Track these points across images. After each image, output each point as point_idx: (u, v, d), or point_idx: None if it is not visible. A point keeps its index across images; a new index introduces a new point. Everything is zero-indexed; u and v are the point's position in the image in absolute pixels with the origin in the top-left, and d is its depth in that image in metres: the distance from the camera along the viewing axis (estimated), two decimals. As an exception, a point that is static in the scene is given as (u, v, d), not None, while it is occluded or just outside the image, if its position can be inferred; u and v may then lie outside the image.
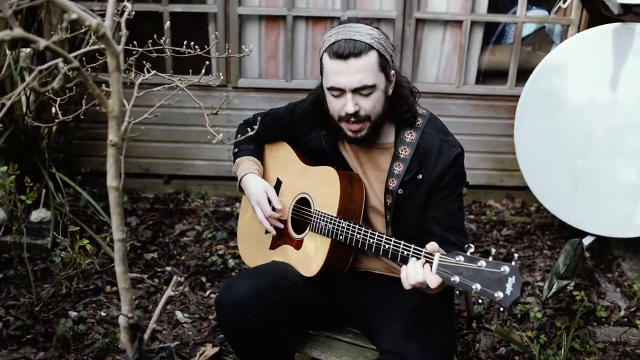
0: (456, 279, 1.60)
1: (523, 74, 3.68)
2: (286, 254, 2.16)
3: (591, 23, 3.59)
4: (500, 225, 3.91)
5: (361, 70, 1.83)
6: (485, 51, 3.95)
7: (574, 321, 2.85)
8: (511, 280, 1.53)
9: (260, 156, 2.32)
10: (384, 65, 1.88)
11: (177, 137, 4.03)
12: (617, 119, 3.21)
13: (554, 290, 2.72)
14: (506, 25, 4.05)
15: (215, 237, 3.66)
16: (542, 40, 3.94)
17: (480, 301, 2.03)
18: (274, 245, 2.23)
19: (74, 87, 2.83)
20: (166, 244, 3.63)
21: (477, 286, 1.56)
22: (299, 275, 2.06)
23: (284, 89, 3.84)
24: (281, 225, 2.17)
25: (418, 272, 1.67)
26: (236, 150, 2.33)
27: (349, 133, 1.96)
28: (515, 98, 3.60)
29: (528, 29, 3.94)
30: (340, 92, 1.88)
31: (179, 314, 3.01)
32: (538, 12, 3.80)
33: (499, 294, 1.53)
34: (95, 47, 1.40)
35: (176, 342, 2.82)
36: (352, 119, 1.91)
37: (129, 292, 1.61)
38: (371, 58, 1.84)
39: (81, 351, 2.69)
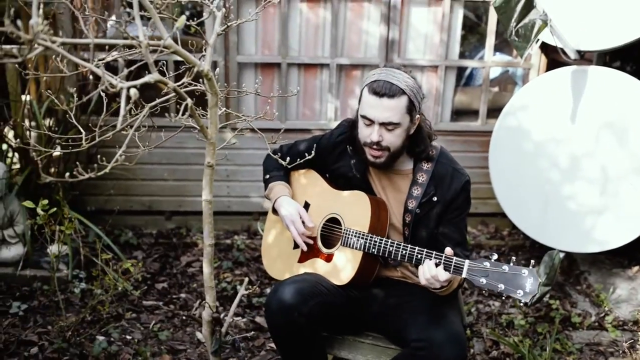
0: (483, 280, 1.98)
1: (491, 112, 4.16)
2: (316, 266, 2.47)
3: (549, 66, 4.11)
4: (478, 248, 4.32)
5: (391, 109, 2.20)
6: (457, 92, 4.42)
7: (555, 325, 3.24)
8: (530, 280, 1.93)
9: (288, 182, 2.66)
10: (411, 109, 2.24)
11: (178, 176, 4.31)
12: (577, 149, 3.68)
13: (537, 296, 3.11)
14: (474, 69, 4.53)
15: (221, 267, 3.93)
16: (507, 82, 4.44)
17: (470, 312, 2.38)
18: (302, 259, 2.54)
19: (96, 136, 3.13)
20: (174, 274, 3.87)
21: (501, 286, 1.95)
22: (331, 283, 2.38)
23: (278, 129, 4.18)
24: (311, 242, 2.50)
25: (432, 268, 2.08)
26: (267, 177, 2.66)
27: (370, 157, 2.33)
28: (487, 133, 4.06)
29: (495, 72, 4.43)
30: (370, 122, 2.24)
31: (199, 335, 3.25)
32: (503, 57, 4.30)
33: (520, 292, 1.93)
34: (196, 87, 1.71)
35: None
36: (375, 146, 2.28)
37: (213, 290, 1.92)
38: (401, 101, 2.21)
39: (115, 370, 2.91)
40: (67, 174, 1.35)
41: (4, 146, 3.80)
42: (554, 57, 3.94)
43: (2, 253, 3.58)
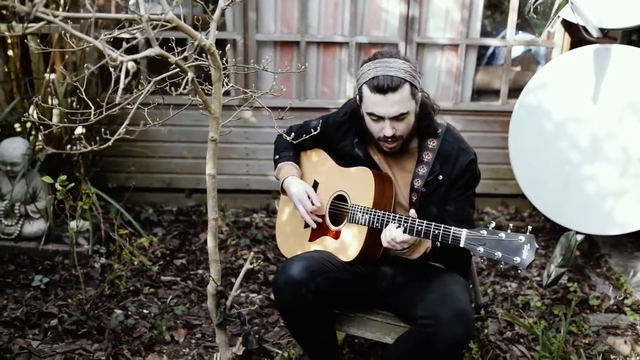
0: (481, 249, 1.96)
1: (513, 92, 4.10)
2: (325, 244, 2.49)
3: (572, 45, 4.02)
4: (497, 229, 4.27)
5: (398, 102, 2.18)
6: (479, 71, 4.36)
7: (571, 308, 3.21)
8: (527, 247, 1.91)
9: (298, 162, 2.66)
10: (414, 92, 2.23)
11: (197, 154, 4.35)
12: (598, 128, 3.61)
13: (552, 277, 3.09)
14: (496, 48, 4.47)
15: (239, 244, 3.97)
16: (529, 61, 4.36)
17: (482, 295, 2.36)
18: (313, 238, 2.56)
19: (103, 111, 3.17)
20: (193, 251, 3.93)
21: (498, 254, 1.93)
22: (339, 260, 2.38)
23: (297, 107, 4.19)
24: (320, 220, 2.51)
25: (392, 231, 2.14)
26: (277, 157, 2.67)
27: (385, 149, 2.33)
28: (507, 113, 4.00)
29: (517, 51, 4.36)
30: (378, 118, 2.23)
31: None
32: (525, 36, 4.22)
33: (517, 259, 1.91)
34: (201, 62, 1.72)
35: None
36: (390, 139, 2.27)
37: (217, 264, 1.94)
38: (405, 90, 2.18)
39: (131, 342, 2.96)
40: (69, 146, 1.37)
41: (27, 124, 3.87)
42: (579, 36, 3.85)
43: (26, 228, 3.67)
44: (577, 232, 3.75)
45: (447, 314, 2.07)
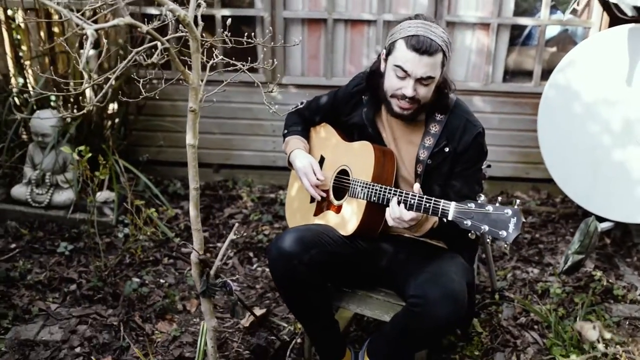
0: (468, 222, 1.92)
1: (548, 74, 3.95)
2: (328, 218, 2.48)
3: (611, 25, 3.84)
4: (526, 214, 4.17)
5: (429, 65, 2.15)
6: (513, 52, 4.23)
7: (589, 296, 3.10)
8: (513, 220, 1.85)
9: (306, 137, 2.66)
10: (444, 63, 2.21)
11: (226, 130, 4.40)
12: (631, 112, 3.45)
13: (569, 264, 2.99)
14: (532, 28, 4.32)
15: (261, 220, 4.01)
16: (565, 42, 4.20)
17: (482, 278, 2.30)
18: (317, 212, 2.55)
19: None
20: (216, 225, 3.98)
21: (485, 227, 1.88)
22: (339, 235, 2.37)
23: (325, 85, 4.17)
24: (324, 194, 2.50)
25: (395, 209, 2.09)
26: (286, 131, 2.68)
27: (397, 109, 2.27)
28: (540, 95, 3.86)
29: (554, 31, 4.20)
30: (405, 74, 2.19)
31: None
32: (561, 16, 4.06)
33: (503, 233, 1.85)
34: (180, 34, 1.73)
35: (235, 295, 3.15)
36: (407, 100, 2.23)
37: (199, 233, 1.96)
38: (438, 57, 2.16)
39: (144, 310, 3.04)
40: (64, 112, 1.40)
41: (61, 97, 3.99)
42: (617, 15, 3.68)
43: (55, 197, 3.80)
44: (607, 220, 3.64)
45: (436, 294, 2.04)
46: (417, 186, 2.12)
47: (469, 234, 1.95)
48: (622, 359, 2.71)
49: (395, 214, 2.10)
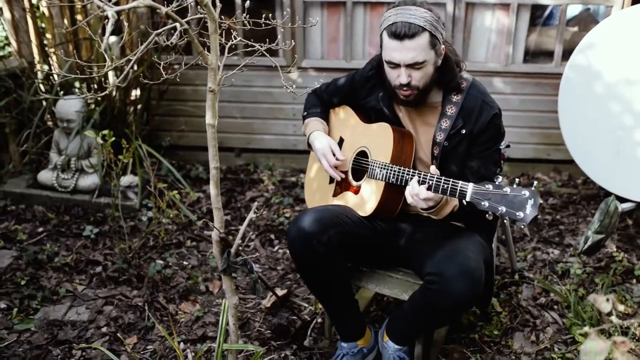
0: (485, 203, 1.93)
1: (570, 54, 3.91)
2: (346, 199, 2.51)
3: (634, 3, 3.79)
4: (547, 195, 4.16)
5: (414, 49, 2.15)
6: (534, 32, 4.20)
7: (609, 276, 3.09)
8: (530, 202, 1.86)
9: (326, 118, 2.68)
10: (434, 43, 2.19)
11: (247, 114, 4.44)
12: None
13: (589, 243, 2.98)
14: (554, 7, 4.27)
15: (282, 203, 4.05)
16: (587, 21, 4.15)
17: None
18: (336, 193, 2.58)
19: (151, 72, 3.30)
20: (238, 208, 4.04)
21: (502, 208, 1.89)
22: (357, 215, 2.40)
23: (344, 68, 4.17)
24: (343, 175, 2.53)
25: (414, 187, 2.10)
26: (305, 113, 2.71)
27: (401, 97, 2.30)
28: (561, 76, 3.83)
29: (575, 10, 4.15)
30: (395, 65, 2.21)
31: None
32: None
33: (520, 214, 1.86)
34: (199, 15, 1.76)
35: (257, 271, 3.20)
36: (405, 88, 2.25)
37: (220, 212, 2.00)
38: (423, 38, 2.16)
39: (168, 291, 3.11)
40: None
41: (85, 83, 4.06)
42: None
43: (80, 182, 3.88)
44: (629, 200, 3.61)
45: (453, 271, 2.06)
46: (433, 168, 2.13)
47: (487, 215, 1.96)
48: (636, 331, 2.70)
49: (414, 190, 2.11)
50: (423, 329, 2.37)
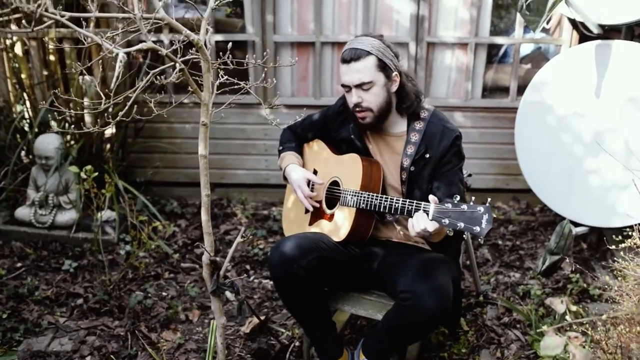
0: (446, 220, 2.13)
1: (523, 89, 4.20)
2: (322, 226, 2.68)
3: (581, 42, 4.10)
4: (507, 223, 4.40)
5: (360, 71, 2.39)
6: (490, 69, 4.49)
7: (567, 295, 3.31)
8: (485, 217, 2.07)
9: (300, 152, 2.87)
10: (383, 66, 2.42)
11: (220, 150, 4.60)
12: (600, 123, 3.70)
13: (547, 264, 3.20)
14: (509, 46, 4.58)
15: (256, 235, 4.19)
16: (539, 59, 4.47)
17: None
18: (312, 222, 2.75)
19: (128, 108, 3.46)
20: (213, 241, 4.15)
21: (461, 224, 2.10)
22: (332, 241, 2.57)
23: (314, 105, 4.38)
24: (317, 205, 2.70)
25: (420, 221, 2.20)
26: (281, 147, 2.89)
27: (358, 120, 2.53)
28: (516, 110, 4.11)
29: (527, 49, 4.46)
30: (348, 88, 2.45)
31: (228, 294, 3.50)
32: (534, 35, 4.32)
33: (477, 228, 2.07)
34: (193, 56, 1.93)
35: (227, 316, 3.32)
36: (357, 109, 2.47)
37: (210, 236, 2.15)
38: (369, 61, 2.39)
39: (149, 321, 3.20)
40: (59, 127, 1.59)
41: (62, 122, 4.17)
42: (586, 33, 3.94)
43: (58, 217, 3.97)
44: (582, 225, 3.86)
45: (424, 288, 2.23)
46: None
47: (447, 231, 2.16)
48: (586, 329, 2.90)
49: (420, 226, 2.21)
50: (397, 346, 2.53)
